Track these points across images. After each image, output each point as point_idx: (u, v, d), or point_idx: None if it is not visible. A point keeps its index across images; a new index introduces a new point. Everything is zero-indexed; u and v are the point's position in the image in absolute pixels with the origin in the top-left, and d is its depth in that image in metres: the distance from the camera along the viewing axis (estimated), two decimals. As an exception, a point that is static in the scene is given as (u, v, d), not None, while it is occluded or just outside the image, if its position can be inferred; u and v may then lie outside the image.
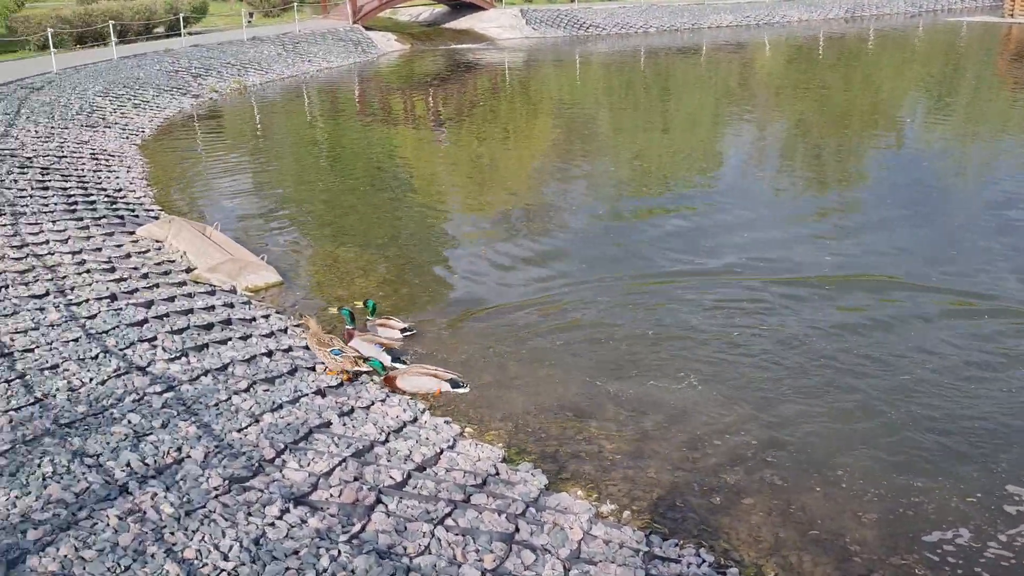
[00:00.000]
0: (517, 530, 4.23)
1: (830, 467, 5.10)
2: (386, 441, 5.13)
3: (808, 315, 7.37)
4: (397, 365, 6.35)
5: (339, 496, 4.33)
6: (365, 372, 6.19)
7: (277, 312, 7.60)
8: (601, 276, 8.58)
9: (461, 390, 6.05)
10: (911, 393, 5.93)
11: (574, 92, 23.17)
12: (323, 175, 13.88)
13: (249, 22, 30.16)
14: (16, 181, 10.92)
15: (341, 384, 6.01)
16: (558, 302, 7.86)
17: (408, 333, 7.04)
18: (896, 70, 26.48)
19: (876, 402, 5.84)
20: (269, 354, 6.39)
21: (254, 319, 7.24)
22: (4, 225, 8.96)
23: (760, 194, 12.03)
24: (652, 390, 6.10)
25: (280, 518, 4.03)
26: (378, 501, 4.34)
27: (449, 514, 4.28)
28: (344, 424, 5.29)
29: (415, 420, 5.55)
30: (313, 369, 6.24)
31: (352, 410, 5.54)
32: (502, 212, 11.23)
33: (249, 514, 4.02)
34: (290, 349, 6.61)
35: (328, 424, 5.26)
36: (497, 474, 4.92)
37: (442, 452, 5.09)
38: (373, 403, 5.72)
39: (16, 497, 3.99)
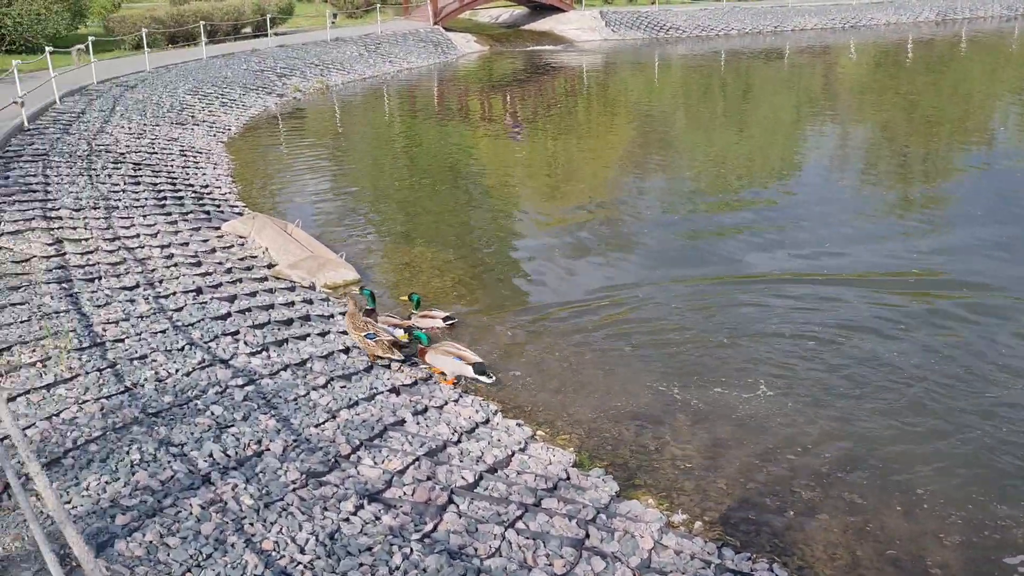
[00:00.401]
0: (587, 536, 4.22)
1: (911, 485, 4.95)
2: (459, 441, 5.18)
3: (890, 322, 7.18)
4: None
5: (412, 495, 4.39)
6: (394, 359, 6.26)
7: (354, 310, 7.72)
8: (674, 279, 8.53)
9: (485, 378, 6.07)
10: (1000, 410, 5.72)
11: (652, 95, 22.99)
12: (401, 174, 14.07)
13: (333, 23, 30.74)
14: (110, 176, 11.35)
15: (415, 383, 6.09)
16: (630, 305, 7.83)
17: (450, 322, 7.30)
18: (989, 75, 25.55)
19: (962, 418, 5.65)
20: (346, 351, 6.52)
21: (332, 316, 7.39)
22: (98, 219, 9.33)
23: (842, 199, 11.76)
24: (724, 397, 6.03)
25: (355, 514, 4.10)
26: (450, 501, 4.39)
27: (520, 517, 4.30)
28: (418, 423, 5.36)
29: (487, 421, 5.59)
30: (388, 367, 6.34)
31: (426, 409, 5.61)
32: (576, 214, 11.22)
33: (325, 509, 4.11)
34: (366, 347, 6.72)
35: (402, 422, 5.33)
36: (568, 479, 4.92)
37: (513, 454, 5.12)
38: (446, 403, 5.78)
39: (106, 483, 4.16)
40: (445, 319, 7.32)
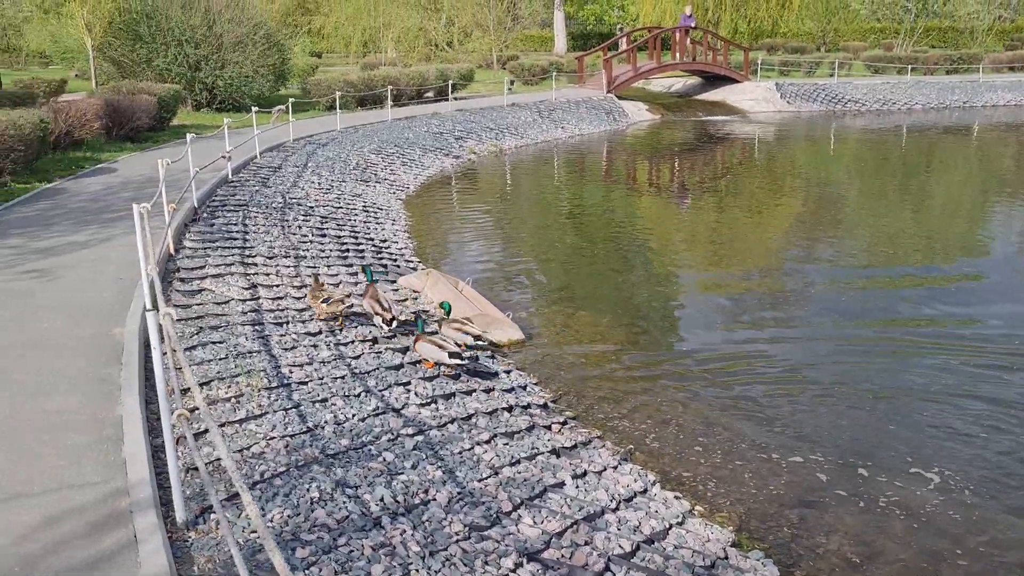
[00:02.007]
0: (745, 620, 4.15)
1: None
2: (616, 509, 5.22)
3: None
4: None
5: (570, 558, 4.46)
6: (346, 315, 8.09)
7: (518, 369, 7.94)
8: (838, 352, 8.33)
9: (458, 360, 6.98)
10: None
11: (825, 168, 22.45)
12: (566, 237, 14.36)
13: (510, 89, 31.90)
14: (300, 228, 12.22)
15: (575, 446, 6.18)
16: (791, 378, 7.67)
17: (479, 343, 7.68)
18: None
19: None
20: (509, 409, 6.71)
21: (497, 373, 7.62)
22: (288, 267, 10.05)
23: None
24: (892, 482, 5.79)
25: (514, 571, 4.22)
26: (607, 568, 4.43)
27: (676, 592, 4.28)
28: (577, 486, 5.44)
29: (645, 491, 5.60)
30: (549, 428, 6.48)
31: (585, 473, 5.69)
32: (739, 284, 11.09)
33: (486, 563, 4.25)
34: (528, 407, 6.89)
35: (562, 484, 5.43)
36: (726, 558, 4.85)
37: (671, 528, 5.10)
38: (605, 469, 5.84)
39: (288, 516, 4.48)
40: (475, 337, 7.61)
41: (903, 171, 21.86)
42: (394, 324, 7.86)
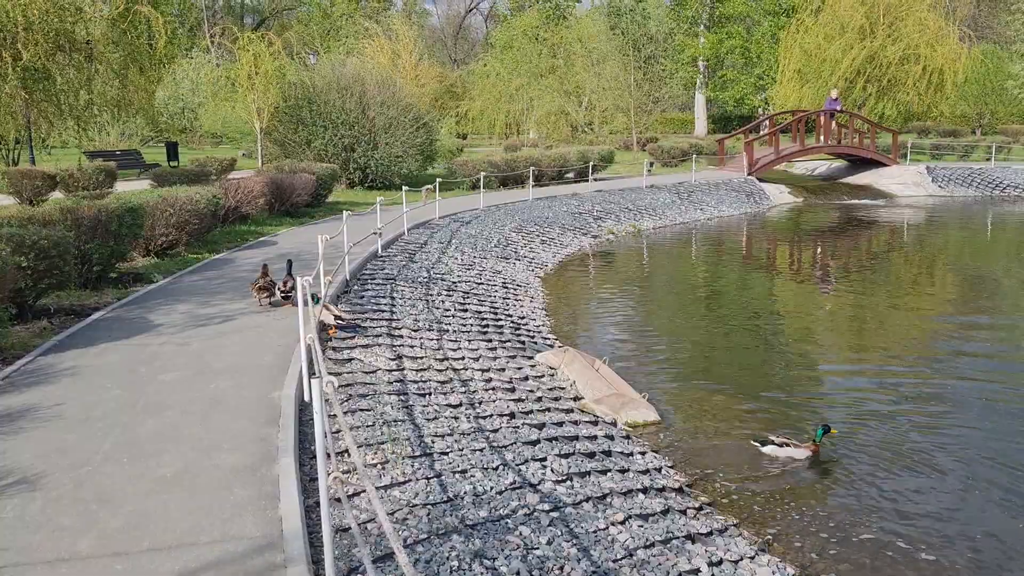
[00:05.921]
0: None
1: None
2: (753, 600, 5.14)
3: None
4: None
5: (704, 645, 4.43)
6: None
7: (653, 450, 7.94)
8: (991, 447, 7.88)
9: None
10: None
11: (980, 255, 21.43)
12: (703, 319, 14.27)
13: (649, 171, 32.21)
14: (443, 302, 12.70)
15: (711, 533, 6.12)
16: (945, 476, 7.31)
17: (341, 322, 9.65)
18: None
19: None
20: (644, 491, 6.72)
21: (631, 454, 7.65)
22: (432, 339, 10.46)
23: None
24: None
25: (648, 654, 4.22)
26: (742, 660, 4.37)
27: None
28: (712, 574, 5.39)
29: (783, 584, 5.49)
30: (684, 512, 6.44)
31: (721, 561, 5.63)
32: (884, 372, 10.69)
33: (620, 643, 4.28)
34: (663, 489, 6.88)
35: (697, 571, 5.40)
36: (869, 661, 4.68)
37: (810, 624, 4.97)
38: (742, 558, 5.76)
39: (429, 582, 4.66)
40: (336, 317, 9.60)
41: (1069, 261, 20.62)
42: (283, 294, 10.49)
